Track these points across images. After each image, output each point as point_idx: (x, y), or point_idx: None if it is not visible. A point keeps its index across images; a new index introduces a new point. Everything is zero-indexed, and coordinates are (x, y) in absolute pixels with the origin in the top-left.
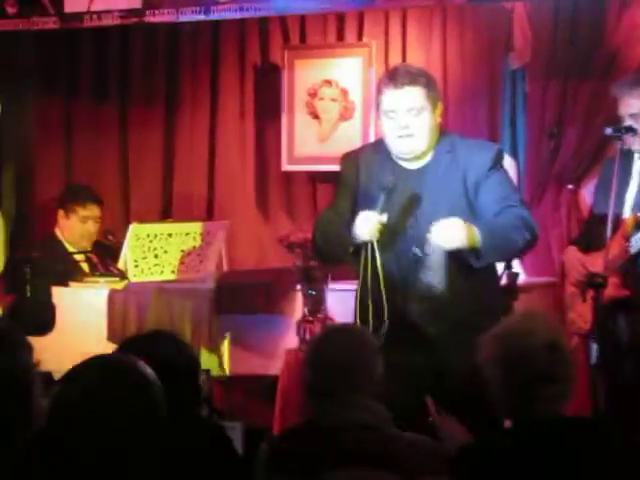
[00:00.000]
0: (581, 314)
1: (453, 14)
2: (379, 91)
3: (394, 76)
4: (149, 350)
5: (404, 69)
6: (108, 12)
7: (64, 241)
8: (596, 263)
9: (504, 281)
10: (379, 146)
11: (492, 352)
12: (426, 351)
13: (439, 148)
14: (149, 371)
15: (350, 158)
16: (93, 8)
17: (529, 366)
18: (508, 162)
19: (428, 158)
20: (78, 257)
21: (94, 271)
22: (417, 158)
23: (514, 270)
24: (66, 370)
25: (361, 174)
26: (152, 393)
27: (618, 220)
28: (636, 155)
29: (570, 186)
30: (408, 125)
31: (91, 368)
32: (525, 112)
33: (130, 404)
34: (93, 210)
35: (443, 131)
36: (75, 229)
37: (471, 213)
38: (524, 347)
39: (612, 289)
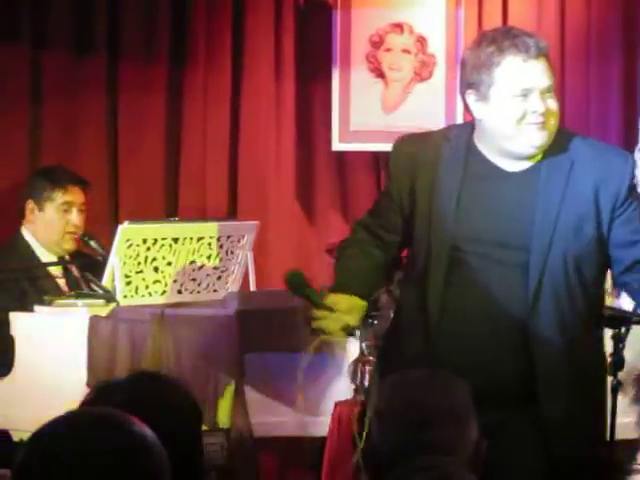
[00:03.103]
0: None
1: None
2: (490, 62)
3: (518, 41)
4: (127, 400)
5: (525, 33)
6: None
7: (34, 245)
8: None
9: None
10: (454, 138)
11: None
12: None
13: (554, 148)
14: (149, 432)
15: (401, 149)
16: None
17: None
18: None
19: (535, 161)
20: (53, 268)
21: (74, 288)
22: (530, 157)
23: None
24: (29, 431)
25: (422, 174)
26: (153, 461)
27: None
28: None
29: None
30: (544, 110)
31: (69, 427)
32: None
33: (122, 477)
34: (77, 195)
35: None
36: (54, 223)
37: (599, 246)
38: None
39: None
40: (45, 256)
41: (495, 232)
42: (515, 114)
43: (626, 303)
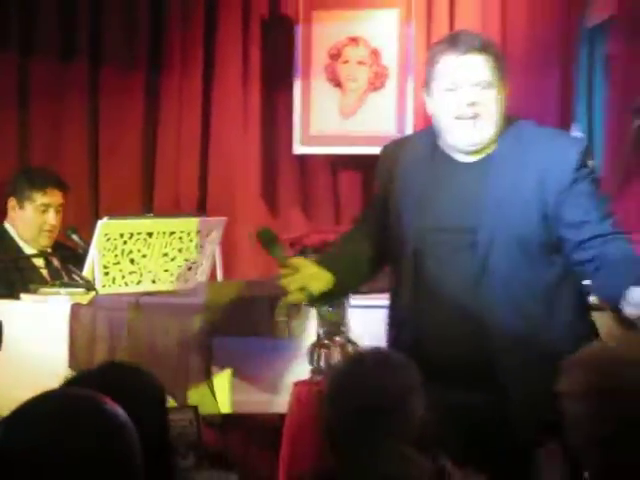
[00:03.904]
0: None
1: None
2: (433, 61)
3: (456, 41)
4: (102, 386)
5: (466, 33)
6: None
7: (17, 238)
8: None
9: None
10: (424, 138)
11: (576, 383)
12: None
13: (506, 138)
14: (120, 411)
15: (383, 156)
16: None
17: (618, 404)
18: None
19: (490, 150)
20: (36, 260)
21: (56, 278)
22: (478, 151)
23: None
24: (12, 408)
25: (395, 175)
26: (125, 440)
27: None
28: None
29: None
30: (475, 102)
31: (45, 408)
32: (606, 81)
33: (97, 455)
34: (54, 196)
35: (510, 117)
36: (32, 221)
37: (545, 229)
38: (616, 380)
39: None
40: (27, 249)
41: (453, 219)
42: (448, 107)
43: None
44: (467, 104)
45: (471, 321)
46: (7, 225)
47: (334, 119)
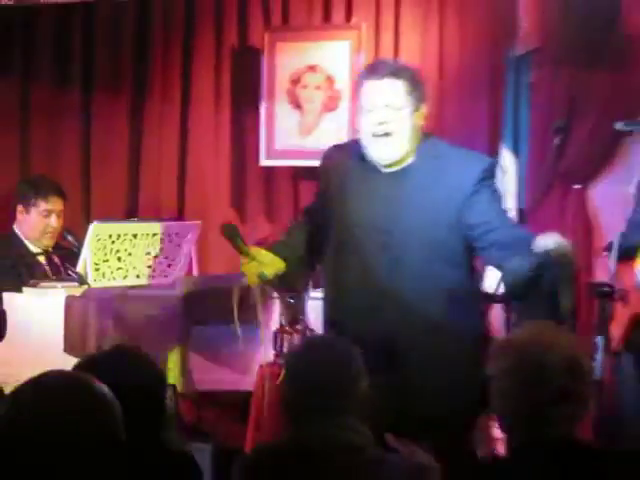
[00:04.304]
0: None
1: None
2: (358, 83)
3: (374, 67)
4: (108, 368)
5: (386, 61)
6: None
7: (24, 239)
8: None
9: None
10: (358, 146)
11: (507, 363)
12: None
13: (422, 152)
14: (106, 390)
15: (324, 157)
16: None
17: (543, 381)
18: (509, 160)
19: (408, 162)
20: (40, 258)
21: (55, 273)
22: (395, 163)
23: None
24: (16, 385)
25: (331, 177)
26: (109, 414)
27: None
28: None
29: (577, 186)
30: (386, 121)
31: (42, 386)
32: (529, 104)
33: (85, 426)
34: (56, 203)
35: (428, 135)
36: (36, 225)
37: (453, 232)
38: (540, 360)
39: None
40: (32, 248)
41: (372, 220)
42: (365, 125)
43: (489, 286)
44: (379, 123)
45: (383, 313)
46: (16, 228)
47: (295, 136)
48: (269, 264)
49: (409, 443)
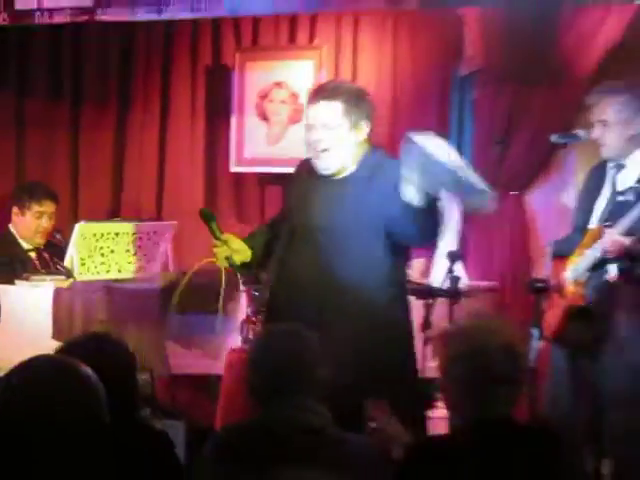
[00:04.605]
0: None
1: (405, 19)
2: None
3: (315, 90)
4: (85, 353)
5: (328, 84)
6: (59, 9)
7: (18, 238)
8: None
9: (446, 284)
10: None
11: (448, 350)
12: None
13: (363, 163)
14: (90, 372)
15: (296, 167)
16: (45, 5)
17: (488, 366)
18: None
19: (348, 172)
20: (31, 254)
21: (46, 268)
22: (337, 173)
23: (455, 274)
24: (8, 368)
25: (292, 187)
26: (94, 395)
27: (585, 230)
28: (609, 164)
29: (514, 192)
30: (321, 139)
31: (31, 369)
32: (473, 119)
33: (74, 405)
34: (48, 206)
35: (376, 148)
36: (30, 225)
37: (377, 233)
38: (485, 346)
39: (573, 298)
40: (25, 245)
41: (314, 220)
42: (306, 142)
43: (435, 281)
44: (317, 141)
45: (317, 296)
46: (11, 227)
47: (262, 145)
48: (238, 250)
49: (386, 410)
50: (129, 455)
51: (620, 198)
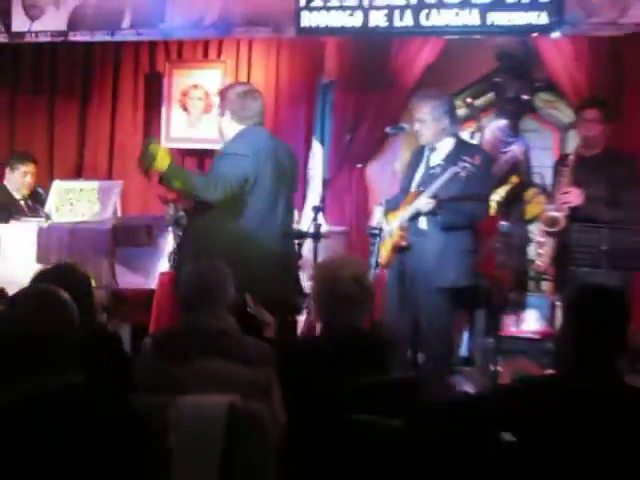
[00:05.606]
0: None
1: (285, 43)
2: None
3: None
4: (56, 277)
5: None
6: (43, 32)
7: (10, 189)
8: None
9: (312, 229)
10: None
11: (315, 276)
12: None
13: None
14: (67, 296)
15: None
16: (32, 29)
17: (337, 289)
18: (318, 148)
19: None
20: (21, 202)
21: (32, 212)
22: None
23: (318, 222)
24: (8, 284)
25: None
26: (71, 310)
27: (407, 192)
28: (426, 148)
29: (359, 165)
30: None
31: (24, 294)
32: (332, 114)
33: (58, 318)
34: (31, 167)
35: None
36: (18, 180)
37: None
38: (336, 275)
39: (399, 239)
40: (16, 195)
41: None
42: None
43: (304, 226)
44: None
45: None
46: (5, 183)
47: (184, 129)
48: (162, 161)
49: (255, 301)
50: (91, 349)
51: (431, 171)
